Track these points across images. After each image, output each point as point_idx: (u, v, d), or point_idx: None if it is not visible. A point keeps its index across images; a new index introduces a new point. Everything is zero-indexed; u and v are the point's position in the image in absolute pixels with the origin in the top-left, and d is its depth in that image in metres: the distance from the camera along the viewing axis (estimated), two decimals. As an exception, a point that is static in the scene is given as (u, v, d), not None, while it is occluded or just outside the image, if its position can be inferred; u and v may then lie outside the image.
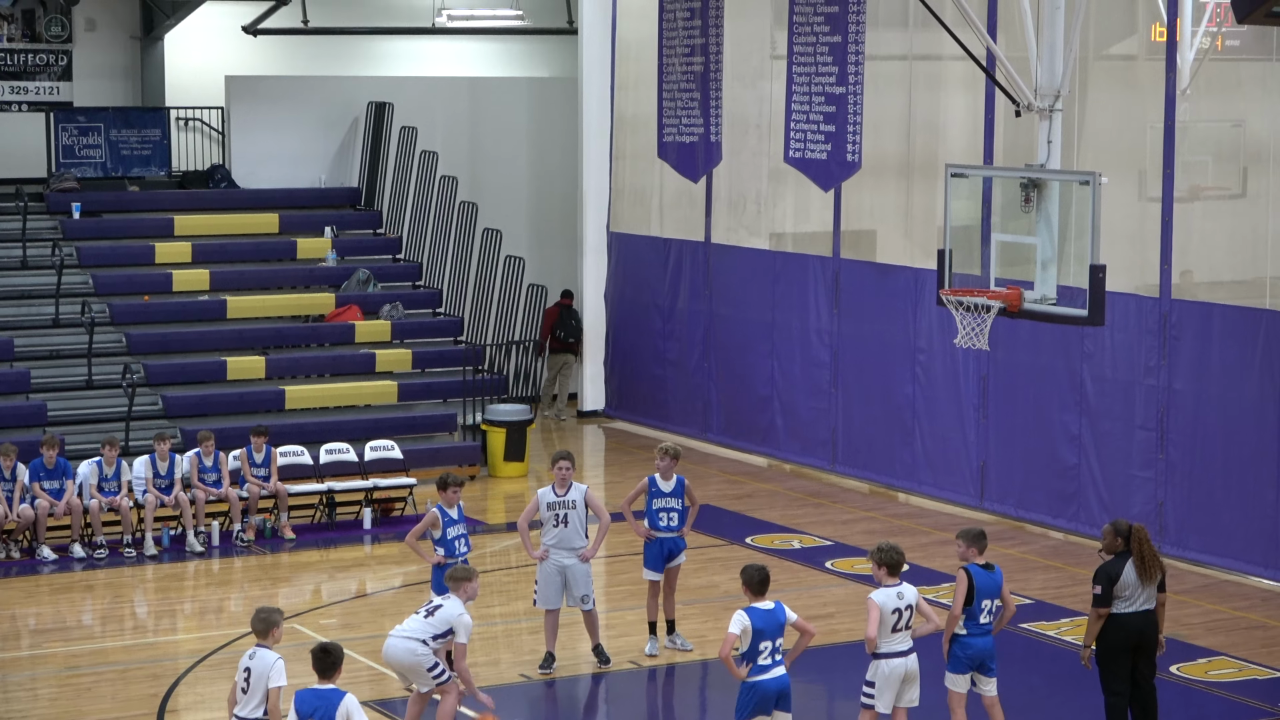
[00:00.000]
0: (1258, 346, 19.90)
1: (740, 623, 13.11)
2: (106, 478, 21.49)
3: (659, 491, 17.34)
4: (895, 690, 13.73)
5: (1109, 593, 14.41)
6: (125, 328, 26.03)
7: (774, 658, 13.19)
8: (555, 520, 16.76)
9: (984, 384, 22.98)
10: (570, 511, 16.73)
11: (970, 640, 14.14)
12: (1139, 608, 14.47)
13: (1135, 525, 14.64)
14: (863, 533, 22.44)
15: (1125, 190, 21.30)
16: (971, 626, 14.15)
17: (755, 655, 13.13)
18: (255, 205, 29.06)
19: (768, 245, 26.87)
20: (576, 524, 16.76)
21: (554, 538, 16.78)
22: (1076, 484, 21.78)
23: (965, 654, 14.14)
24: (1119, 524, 14.63)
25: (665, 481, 17.37)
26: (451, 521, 16.56)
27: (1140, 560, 14.40)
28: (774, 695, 13.18)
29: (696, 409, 27.94)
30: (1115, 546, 14.53)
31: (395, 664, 14.54)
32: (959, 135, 23.87)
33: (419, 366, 27.06)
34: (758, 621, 13.13)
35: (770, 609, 13.25)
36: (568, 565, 16.79)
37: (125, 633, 19.14)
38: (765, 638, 13.14)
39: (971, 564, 14.23)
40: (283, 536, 22.24)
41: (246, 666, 12.71)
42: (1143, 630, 14.52)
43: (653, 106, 28.17)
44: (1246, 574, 20.12)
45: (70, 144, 28.71)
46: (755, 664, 13.14)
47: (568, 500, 16.72)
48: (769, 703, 13.16)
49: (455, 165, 29.91)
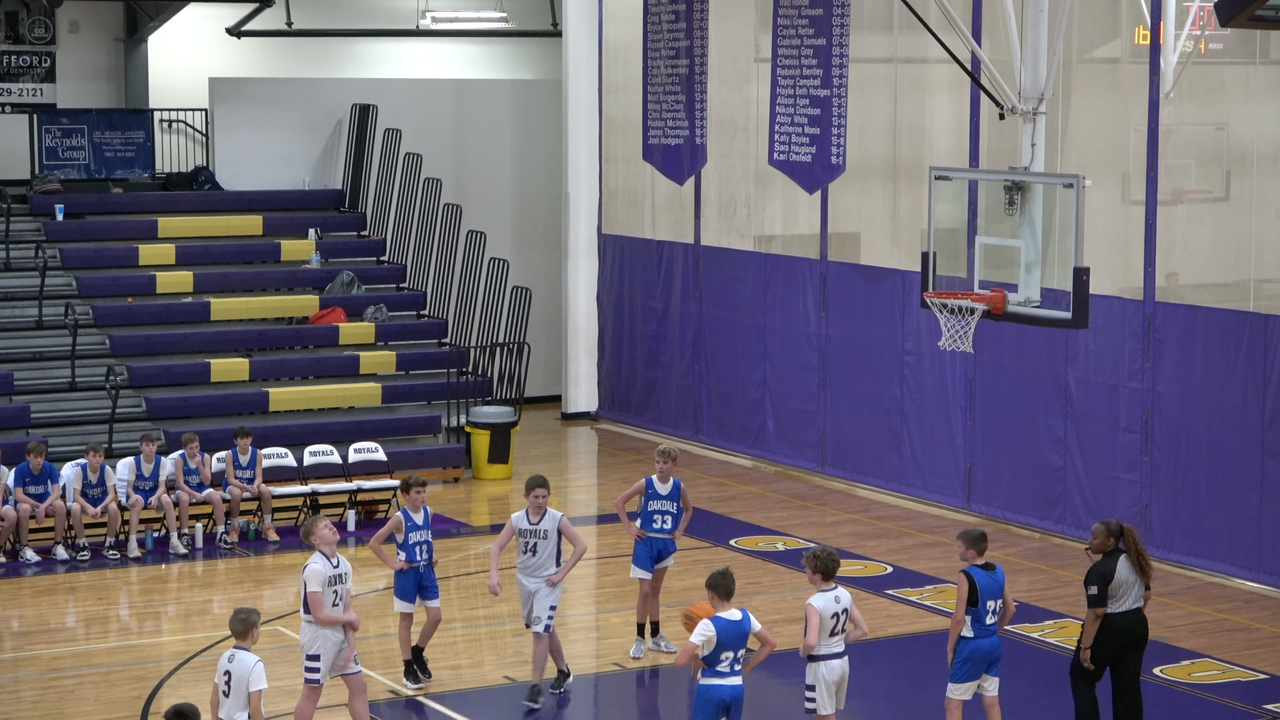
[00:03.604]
0: (1241, 349, 19.93)
1: (704, 633, 13.13)
2: (91, 484, 21.45)
3: (655, 494, 17.36)
4: (834, 692, 13.84)
5: (1104, 593, 14.47)
6: (109, 330, 25.99)
7: (733, 667, 13.23)
8: (525, 547, 16.13)
9: (971, 386, 23.01)
10: (540, 541, 16.05)
11: (979, 643, 14.15)
12: (1130, 606, 14.56)
13: (1126, 525, 14.72)
14: (848, 535, 22.45)
15: (1109, 193, 21.34)
16: (978, 629, 14.15)
17: (715, 662, 13.18)
18: (239, 207, 29.03)
19: (756, 248, 26.88)
20: (546, 553, 16.09)
21: (522, 564, 16.19)
22: (1062, 486, 21.81)
23: (974, 656, 14.16)
24: (1110, 524, 14.69)
25: (662, 484, 17.38)
26: (415, 527, 16.49)
27: (1136, 558, 14.49)
28: (728, 703, 13.21)
29: (687, 411, 27.96)
30: (1106, 546, 14.58)
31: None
32: (944, 138, 23.89)
33: (403, 368, 27.04)
34: (723, 634, 13.16)
35: (736, 620, 13.25)
36: (533, 590, 16.17)
37: (109, 635, 19.10)
38: (727, 648, 13.19)
39: (972, 566, 14.23)
40: (266, 539, 22.21)
41: (226, 670, 12.69)
42: (1135, 629, 14.60)
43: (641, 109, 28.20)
44: (1230, 576, 20.15)
45: (54, 146, 28.65)
46: (714, 669, 13.17)
47: (540, 530, 16.04)
48: (721, 709, 13.20)
49: (439, 167, 29.89)
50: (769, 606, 13.66)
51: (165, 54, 29.97)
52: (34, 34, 28.82)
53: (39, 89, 28.99)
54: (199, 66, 30.02)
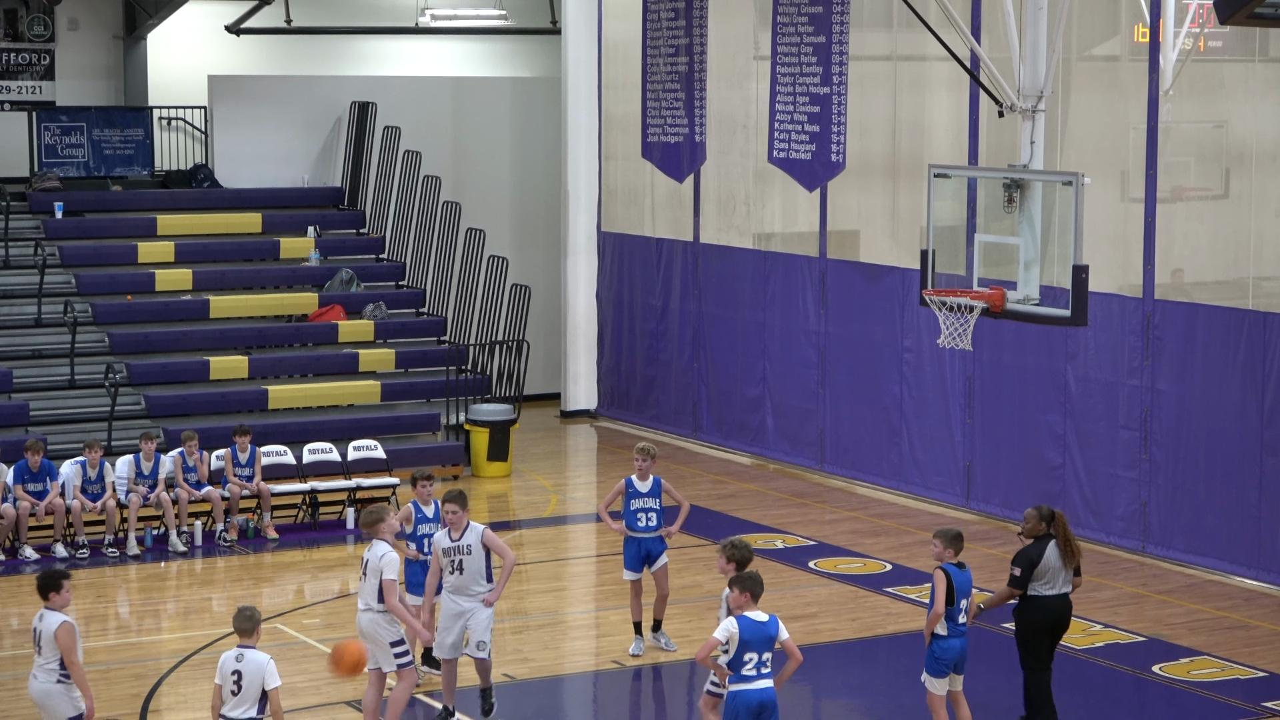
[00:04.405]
0: (1240, 347, 19.93)
1: (727, 630, 12.89)
2: (90, 480, 21.46)
3: (636, 492, 17.36)
4: None
5: (1027, 575, 14.86)
6: (108, 327, 25.98)
7: (759, 670, 12.87)
8: (451, 567, 15.21)
9: (970, 384, 23.00)
10: (465, 557, 15.13)
11: (950, 642, 14.23)
12: (1058, 590, 14.95)
13: (1057, 511, 15.11)
14: (847, 532, 22.46)
15: (1108, 191, 21.34)
16: (950, 627, 14.26)
17: (740, 665, 12.86)
18: (238, 205, 29.01)
19: (755, 245, 26.88)
20: (474, 569, 15.18)
21: (451, 585, 15.26)
22: (1061, 484, 21.81)
23: (947, 656, 14.26)
24: (1042, 509, 15.14)
25: (642, 482, 17.39)
26: (424, 519, 16.49)
27: (1064, 544, 14.86)
28: (755, 707, 12.86)
29: (687, 409, 27.96)
30: (1038, 530, 14.99)
31: (363, 637, 14.71)
32: (943, 136, 23.89)
33: (402, 366, 27.04)
34: (746, 632, 12.85)
35: (763, 621, 12.94)
36: (467, 609, 15.27)
37: (108, 632, 19.10)
38: (751, 649, 12.85)
39: (948, 564, 14.31)
40: (266, 536, 22.21)
41: (235, 669, 12.69)
42: (1061, 612, 15.02)
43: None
44: (1230, 574, 20.15)
45: (53, 143, 28.64)
46: (739, 674, 12.87)
47: (462, 545, 15.13)
48: (753, 714, 12.88)
49: (438, 165, 29.88)
50: (767, 605, 13.69)
51: (164, 51, 29.98)
52: (33, 31, 28.83)
53: (38, 86, 29.00)
54: (198, 64, 30.01)
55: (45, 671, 13.20)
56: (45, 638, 13.19)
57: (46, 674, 13.20)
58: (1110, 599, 19.57)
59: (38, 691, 13.29)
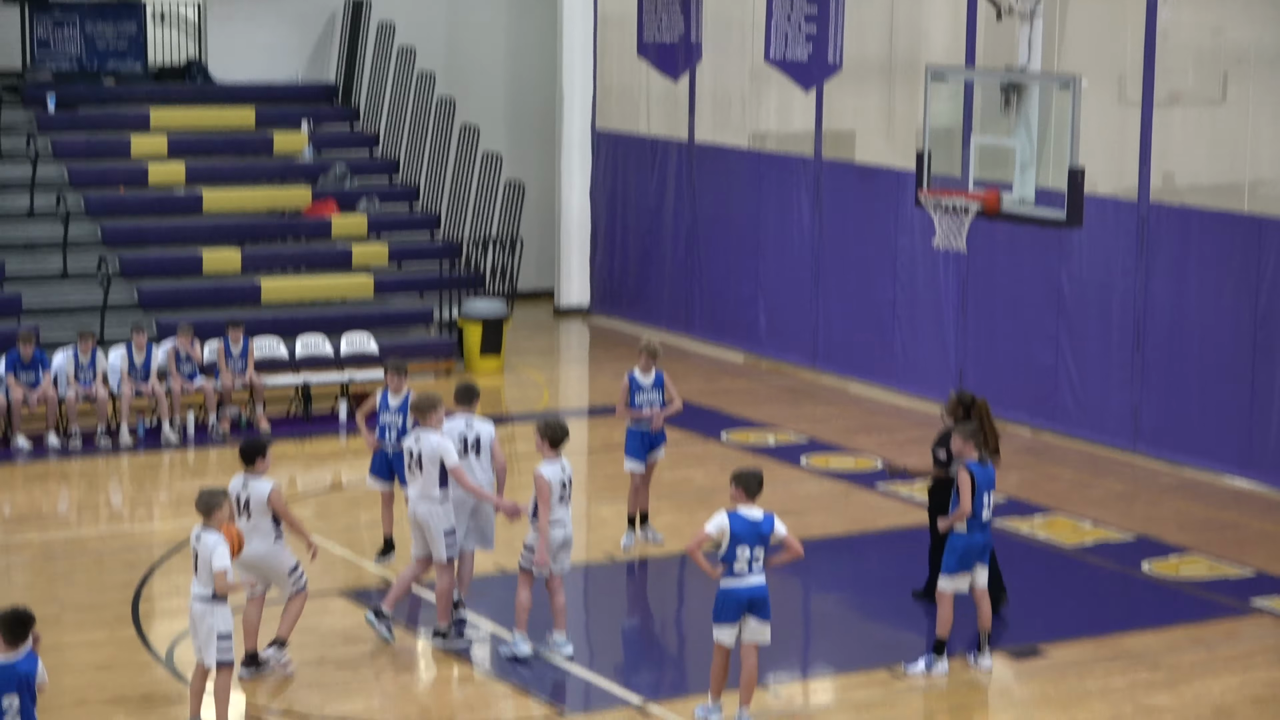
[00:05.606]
0: (1234, 250, 19.94)
1: (718, 524, 12.89)
2: (82, 366, 21.47)
3: (639, 386, 17.56)
4: (557, 555, 14.39)
5: (950, 458, 15.02)
6: (101, 220, 25.93)
7: (750, 566, 12.89)
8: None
9: (963, 285, 23.01)
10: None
11: (974, 537, 14.26)
12: None
13: (980, 398, 15.49)
14: (839, 429, 22.52)
15: (1105, 94, 21.26)
16: (972, 523, 14.24)
17: (732, 560, 12.88)
18: (231, 99, 28.89)
19: (750, 145, 26.81)
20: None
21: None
22: (1053, 384, 21.86)
23: (970, 551, 14.25)
24: (963, 394, 15.63)
25: (644, 376, 17.59)
26: (385, 408, 16.73)
27: (980, 428, 14.86)
28: (746, 602, 12.93)
29: (680, 306, 27.96)
30: (956, 413, 15.38)
31: (419, 525, 14.82)
32: (941, 37, 23.78)
33: (395, 261, 27.00)
34: (737, 526, 12.86)
35: (756, 519, 12.91)
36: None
37: (101, 521, 19.16)
38: (743, 543, 12.86)
39: (970, 461, 14.29)
40: (258, 428, 22.25)
41: (194, 549, 12.78)
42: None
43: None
44: (1220, 473, 20.23)
45: (45, 37, 28.45)
46: (731, 570, 12.91)
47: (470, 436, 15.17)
48: (742, 608, 12.96)
49: (433, 61, 29.74)
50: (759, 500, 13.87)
51: (158, -57, 29.79)
52: (25, -78, 28.57)
53: (30, -22, 28.79)
54: (192, -44, 29.84)
55: (259, 535, 13.66)
56: (256, 503, 13.62)
57: (261, 536, 13.67)
58: (1100, 497, 19.67)
59: (255, 555, 13.67)
